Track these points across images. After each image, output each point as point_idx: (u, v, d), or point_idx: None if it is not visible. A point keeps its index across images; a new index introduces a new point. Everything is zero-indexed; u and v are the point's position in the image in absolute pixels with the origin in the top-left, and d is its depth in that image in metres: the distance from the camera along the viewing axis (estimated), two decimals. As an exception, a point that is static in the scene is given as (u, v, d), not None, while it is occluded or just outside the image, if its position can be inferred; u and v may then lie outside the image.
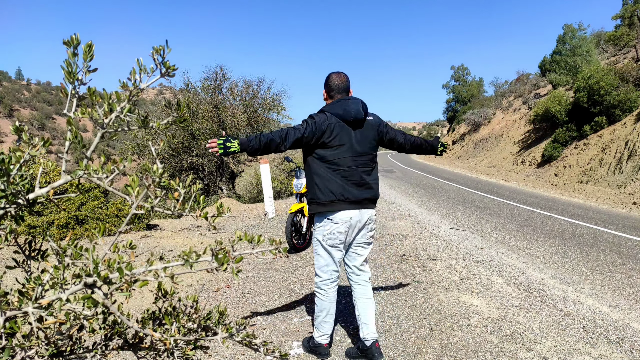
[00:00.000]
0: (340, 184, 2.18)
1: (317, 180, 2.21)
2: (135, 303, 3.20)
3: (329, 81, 2.28)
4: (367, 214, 2.26)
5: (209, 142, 2.11)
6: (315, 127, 2.15)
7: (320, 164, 2.20)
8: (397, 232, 5.85)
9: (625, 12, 19.66)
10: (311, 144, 2.19)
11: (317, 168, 2.21)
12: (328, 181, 2.19)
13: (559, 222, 6.99)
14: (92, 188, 6.00)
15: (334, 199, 2.18)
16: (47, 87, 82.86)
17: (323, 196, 2.19)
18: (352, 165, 2.20)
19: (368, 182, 2.25)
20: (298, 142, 2.17)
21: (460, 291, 3.46)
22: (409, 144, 2.47)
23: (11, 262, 3.80)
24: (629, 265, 4.36)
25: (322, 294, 2.31)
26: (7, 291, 0.86)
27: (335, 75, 2.29)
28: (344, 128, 2.19)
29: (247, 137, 2.14)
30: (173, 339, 0.96)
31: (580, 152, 14.64)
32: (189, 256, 0.91)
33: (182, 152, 11.91)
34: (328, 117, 2.18)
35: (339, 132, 2.17)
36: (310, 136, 2.15)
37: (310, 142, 2.18)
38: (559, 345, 2.54)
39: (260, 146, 2.13)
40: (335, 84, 2.26)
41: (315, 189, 2.22)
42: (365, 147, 2.24)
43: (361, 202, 2.22)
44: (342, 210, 2.19)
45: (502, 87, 36.66)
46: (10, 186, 0.83)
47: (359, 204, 2.22)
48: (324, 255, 2.28)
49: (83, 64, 0.91)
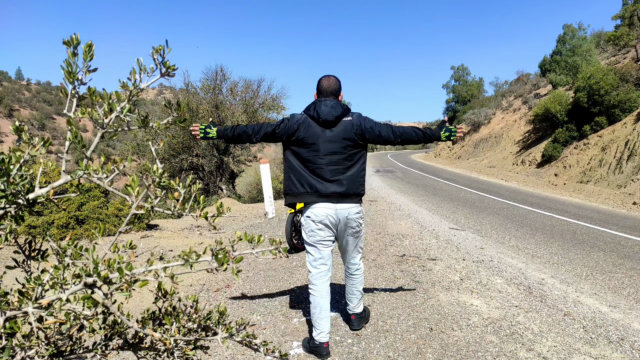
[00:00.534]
0: (309, 178, 2.35)
1: (291, 173, 2.40)
2: (135, 303, 3.20)
3: (319, 84, 2.44)
4: (344, 212, 2.36)
5: (192, 125, 2.42)
6: (287, 126, 2.35)
7: (294, 159, 2.39)
8: (397, 232, 5.85)
9: (625, 12, 19.67)
10: (284, 140, 2.39)
11: (292, 162, 2.40)
12: (300, 175, 2.37)
13: (559, 222, 6.99)
14: (92, 188, 6.00)
15: (303, 192, 2.36)
16: (47, 87, 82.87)
17: (295, 188, 2.38)
18: (322, 162, 2.34)
19: (338, 179, 2.35)
20: (268, 136, 2.39)
21: (460, 291, 3.46)
22: (398, 139, 2.45)
23: (11, 262, 3.80)
24: (629, 265, 4.36)
25: (313, 288, 2.42)
26: (7, 291, 0.86)
27: (325, 78, 2.43)
28: (315, 127, 2.34)
29: (225, 127, 2.42)
30: (173, 339, 0.96)
31: (580, 152, 14.64)
32: (189, 256, 0.91)
33: (182, 152, 11.91)
34: (302, 116, 2.37)
35: (309, 131, 2.34)
36: (281, 133, 2.36)
37: (282, 139, 2.38)
38: (559, 345, 2.54)
39: (233, 135, 2.41)
40: (323, 86, 2.41)
41: (288, 181, 2.42)
42: (335, 147, 2.35)
43: (330, 196, 2.34)
44: (315, 203, 2.35)
45: (502, 87, 36.67)
46: (10, 186, 0.83)
47: (327, 197, 2.34)
48: (311, 250, 2.43)
49: (83, 64, 0.91)
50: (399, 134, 2.45)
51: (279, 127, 2.36)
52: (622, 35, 18.75)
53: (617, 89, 14.33)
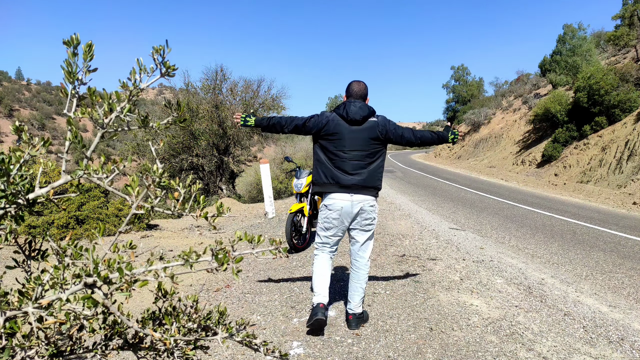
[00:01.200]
0: (333, 171, 2.61)
1: (318, 165, 2.68)
2: (135, 303, 3.20)
3: (349, 87, 2.72)
4: (358, 205, 2.61)
5: (235, 114, 2.86)
6: (317, 120, 2.62)
7: (322, 153, 2.66)
8: (397, 232, 5.85)
9: (625, 12, 19.65)
10: (313, 134, 2.66)
11: (319, 155, 2.67)
12: (325, 167, 2.64)
13: (559, 222, 6.99)
14: (92, 188, 5.99)
15: (327, 182, 2.63)
16: (47, 87, 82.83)
17: (320, 179, 2.66)
18: (346, 157, 2.60)
19: (359, 172, 2.61)
20: (299, 128, 2.68)
21: (460, 291, 3.46)
22: (418, 140, 2.78)
23: (11, 262, 3.79)
24: (629, 265, 4.36)
25: (315, 258, 2.79)
26: (7, 291, 0.86)
27: (356, 83, 2.72)
28: (343, 125, 2.60)
29: (262, 117, 2.81)
30: (173, 339, 0.96)
31: (580, 152, 14.63)
32: (189, 256, 0.91)
33: (182, 152, 11.91)
34: (331, 114, 2.64)
35: (337, 127, 2.60)
36: (310, 126, 2.63)
37: (312, 132, 2.65)
38: (559, 345, 2.54)
39: (268, 125, 2.76)
40: (354, 89, 2.70)
41: (316, 173, 2.70)
42: (359, 144, 2.60)
43: (350, 187, 2.60)
44: (334, 193, 2.62)
45: (502, 87, 36.66)
46: (10, 186, 0.83)
47: (347, 188, 2.60)
48: (321, 233, 2.77)
49: (83, 64, 0.91)
50: (419, 136, 2.78)
51: (310, 120, 2.63)
52: (622, 35, 18.73)
53: (617, 89, 14.32)
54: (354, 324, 2.75)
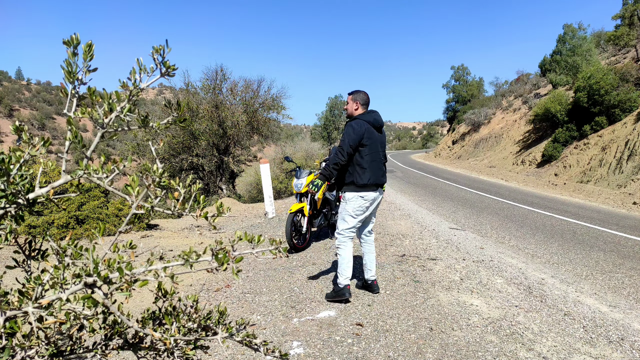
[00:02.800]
0: (372, 173, 3.07)
1: (358, 169, 3.07)
2: (135, 303, 3.20)
3: (361, 96, 3.17)
4: (380, 196, 3.20)
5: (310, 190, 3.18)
6: (355, 135, 3.01)
7: (361, 158, 3.05)
8: (397, 232, 5.85)
9: (625, 12, 19.64)
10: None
11: (359, 160, 3.06)
12: (364, 170, 3.05)
13: (559, 222, 6.99)
14: (92, 188, 6.00)
15: (367, 183, 3.06)
16: (47, 87, 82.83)
17: (361, 180, 3.05)
18: (378, 159, 3.12)
19: (384, 172, 3.23)
20: (350, 154, 3.05)
21: (461, 291, 3.46)
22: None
23: (11, 262, 3.80)
24: (629, 265, 4.36)
25: (343, 247, 3.16)
26: (7, 291, 0.86)
27: (365, 94, 3.19)
28: (373, 132, 3.09)
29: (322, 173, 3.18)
30: (173, 338, 0.96)
31: (580, 152, 14.63)
32: (189, 256, 0.91)
33: (182, 152, 11.91)
34: (363, 123, 3.05)
35: (372, 136, 3.07)
36: (354, 144, 3.01)
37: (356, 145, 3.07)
38: (559, 345, 2.54)
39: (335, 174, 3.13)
40: (365, 99, 3.19)
41: (355, 175, 3.07)
42: (383, 147, 3.22)
43: (380, 186, 3.17)
44: (370, 191, 3.09)
45: (502, 87, 36.63)
46: (10, 186, 0.83)
47: (380, 186, 3.18)
48: (349, 220, 3.14)
49: (83, 64, 0.91)
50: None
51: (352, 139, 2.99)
52: (622, 35, 18.72)
53: (617, 89, 14.32)
54: (377, 287, 3.37)
